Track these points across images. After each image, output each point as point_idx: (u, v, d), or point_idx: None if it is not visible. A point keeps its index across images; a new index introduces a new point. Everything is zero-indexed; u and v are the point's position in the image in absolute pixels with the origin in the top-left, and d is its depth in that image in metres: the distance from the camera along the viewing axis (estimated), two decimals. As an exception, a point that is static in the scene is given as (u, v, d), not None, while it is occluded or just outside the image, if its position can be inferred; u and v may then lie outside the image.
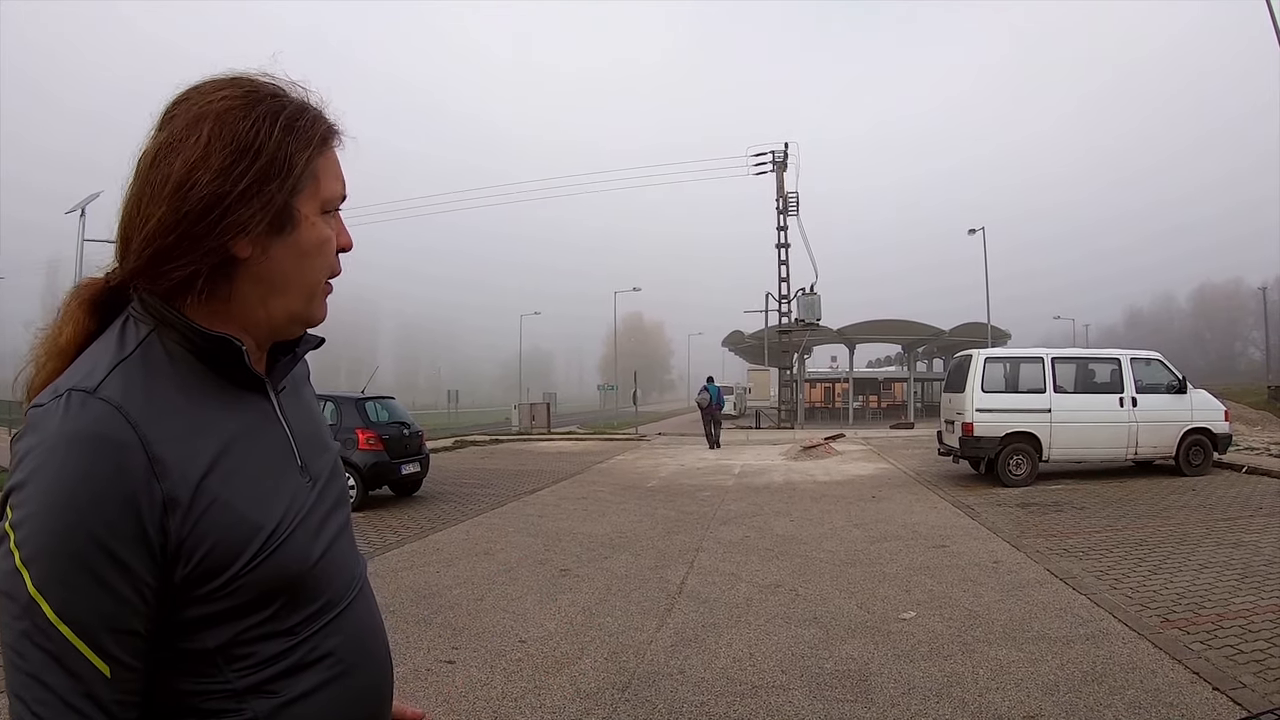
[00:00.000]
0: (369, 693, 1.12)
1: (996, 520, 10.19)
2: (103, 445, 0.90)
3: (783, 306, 36.40)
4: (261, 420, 1.09)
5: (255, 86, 1.03)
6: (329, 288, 1.12)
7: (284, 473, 1.08)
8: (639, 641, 5.68)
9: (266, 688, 1.00)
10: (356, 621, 1.11)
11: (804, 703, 4.51)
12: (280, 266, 1.04)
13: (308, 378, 1.28)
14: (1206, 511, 10.20)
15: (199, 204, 0.97)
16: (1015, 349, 18.02)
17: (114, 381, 0.95)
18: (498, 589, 7.23)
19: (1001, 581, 7.05)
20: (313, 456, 1.14)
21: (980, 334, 37.88)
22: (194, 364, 1.02)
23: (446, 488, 14.70)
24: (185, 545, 0.94)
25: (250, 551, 0.98)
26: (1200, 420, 13.82)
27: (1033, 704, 4.36)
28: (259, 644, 1.00)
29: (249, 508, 1.00)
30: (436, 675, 5.04)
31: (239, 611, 0.98)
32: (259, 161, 0.99)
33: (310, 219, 1.05)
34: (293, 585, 1.02)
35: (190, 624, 0.96)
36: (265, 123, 1.00)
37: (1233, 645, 5.16)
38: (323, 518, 1.11)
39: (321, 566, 1.07)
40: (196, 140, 0.98)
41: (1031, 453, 13.53)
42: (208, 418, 1.01)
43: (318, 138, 1.04)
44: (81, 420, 0.91)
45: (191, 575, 0.95)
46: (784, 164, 36.21)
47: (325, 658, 1.05)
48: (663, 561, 8.30)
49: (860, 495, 13.24)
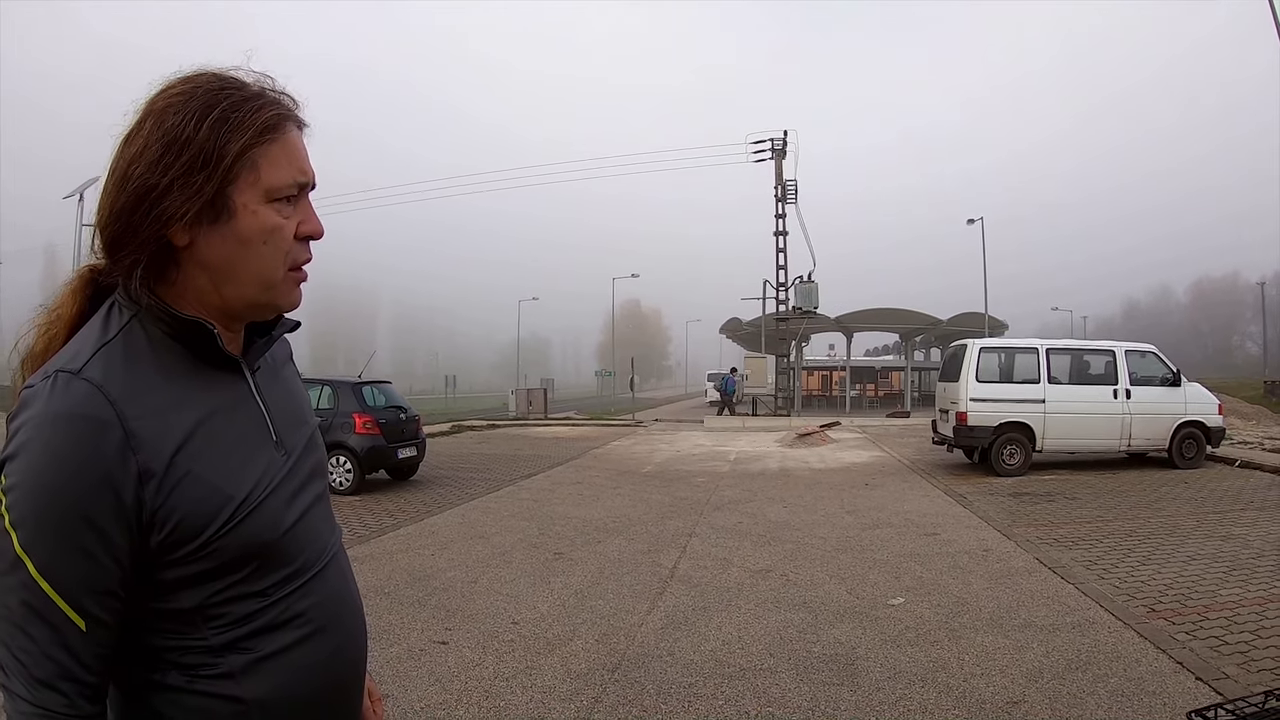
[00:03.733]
0: (339, 653, 1.19)
1: (988, 509, 10.26)
2: (84, 423, 0.99)
3: (780, 294, 36.40)
4: (237, 398, 1.16)
5: (199, 83, 1.08)
6: (299, 274, 1.16)
7: (258, 446, 1.16)
8: (630, 624, 5.74)
9: (241, 644, 1.08)
10: (328, 586, 1.19)
11: (790, 685, 4.57)
12: (221, 253, 1.09)
13: (289, 358, 1.34)
14: (1197, 504, 10.27)
15: (133, 195, 1.05)
16: (1010, 339, 18.05)
17: (96, 364, 1.03)
18: (492, 572, 7.30)
19: (990, 570, 7.11)
20: (288, 431, 1.21)
21: (978, 324, 37.94)
22: (172, 346, 1.09)
23: (443, 472, 14.76)
24: (159, 514, 1.02)
25: (221, 519, 1.06)
26: (1194, 413, 13.88)
27: (1016, 690, 4.42)
28: (233, 604, 1.08)
29: (221, 479, 1.08)
30: (430, 655, 5.09)
31: (213, 574, 1.06)
32: (185, 154, 1.04)
33: (250, 208, 1.08)
34: (264, 551, 1.10)
35: (168, 585, 1.05)
36: (194, 116, 1.05)
37: (1217, 636, 5.21)
38: (296, 489, 1.18)
39: (293, 534, 1.14)
40: (139, 134, 1.07)
41: (1025, 443, 13.59)
42: (184, 396, 1.09)
43: (256, 128, 1.07)
44: (66, 400, 0.99)
45: (166, 541, 1.03)
46: (783, 152, 36.12)
47: (296, 618, 1.13)
48: (656, 546, 8.36)
49: (854, 483, 13.30)
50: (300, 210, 1.14)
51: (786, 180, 35.68)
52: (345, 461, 12.23)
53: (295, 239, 1.13)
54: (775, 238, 36.02)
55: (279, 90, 1.14)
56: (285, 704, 1.11)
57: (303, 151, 1.14)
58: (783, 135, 36.34)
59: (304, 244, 1.15)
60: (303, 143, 1.14)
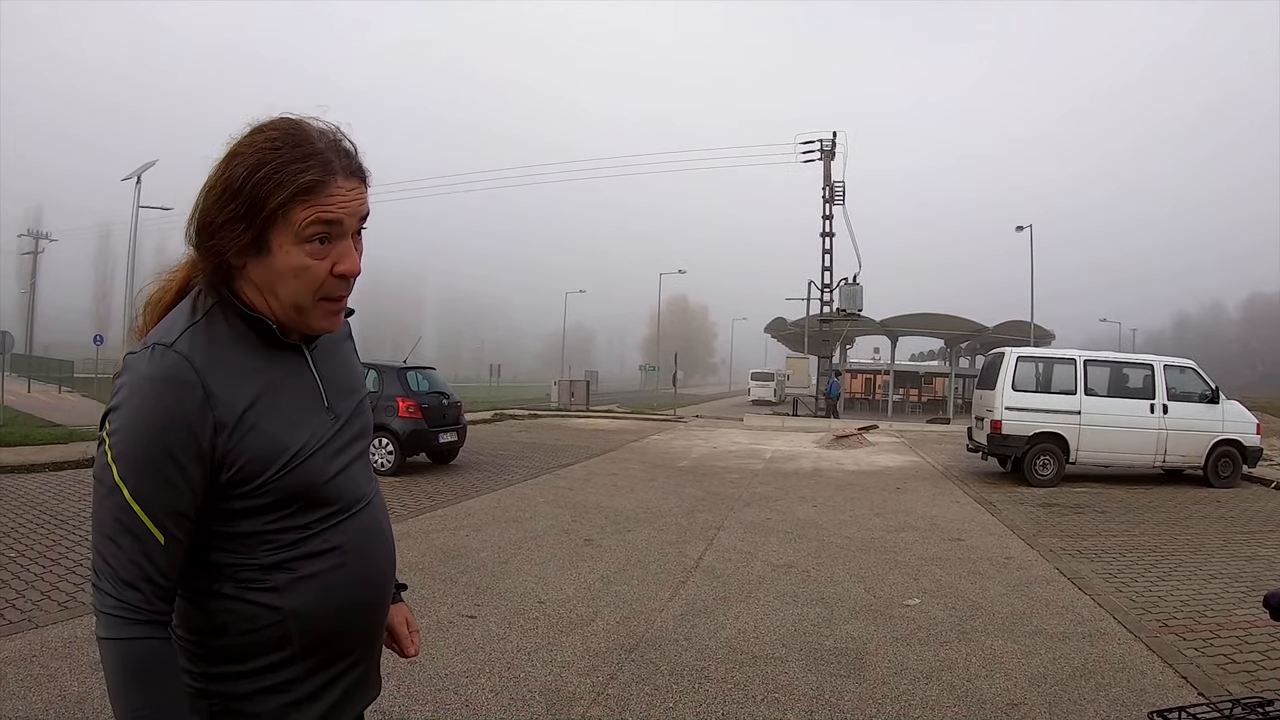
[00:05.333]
0: (364, 580, 1.47)
1: (1015, 518, 10.32)
2: (174, 384, 1.28)
3: (825, 295, 36.36)
4: (296, 371, 1.46)
5: (267, 134, 1.35)
6: (333, 305, 1.42)
7: (311, 411, 1.45)
8: (651, 609, 5.98)
9: (285, 565, 1.37)
10: (360, 526, 1.47)
11: (799, 674, 4.78)
12: (263, 278, 1.36)
13: (348, 336, 1.63)
14: (1226, 524, 10.22)
15: (201, 221, 1.34)
16: (1048, 349, 17.94)
17: (185, 339, 1.32)
18: (523, 554, 7.59)
19: (1010, 577, 7.23)
20: (338, 399, 1.50)
21: (1023, 333, 37.50)
22: (244, 330, 1.39)
23: (482, 458, 15.13)
24: (229, 457, 1.31)
25: (276, 466, 1.35)
26: (1231, 432, 13.72)
27: (1018, 693, 4.56)
28: (281, 533, 1.37)
29: (279, 434, 1.37)
30: (458, 628, 5.38)
31: (267, 509, 1.35)
32: (234, 202, 1.30)
33: (284, 249, 1.33)
34: (309, 493, 1.39)
35: (232, 514, 1.34)
36: (248, 171, 1.30)
37: (1226, 654, 5.27)
38: (341, 446, 1.48)
39: (335, 482, 1.43)
40: (217, 172, 1.34)
41: (1058, 453, 13.55)
42: (252, 368, 1.38)
43: (293, 189, 1.30)
44: (161, 366, 1.28)
45: (233, 479, 1.32)
46: (832, 153, 36.09)
47: (332, 550, 1.41)
48: (683, 538, 8.59)
49: (885, 486, 13.41)
50: (337, 252, 1.37)
51: (834, 181, 35.62)
52: (387, 443, 12.62)
53: (331, 275, 1.37)
54: (822, 239, 36.03)
55: (339, 140, 1.39)
56: (314, 615, 1.38)
57: (339, 199, 1.35)
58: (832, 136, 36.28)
59: (341, 280, 1.39)
60: (348, 189, 1.36)
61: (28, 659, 4.59)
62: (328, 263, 1.37)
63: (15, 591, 5.81)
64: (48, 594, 5.78)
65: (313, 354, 1.49)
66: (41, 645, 4.82)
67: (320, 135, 1.36)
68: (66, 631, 5.06)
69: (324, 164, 1.34)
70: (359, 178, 1.40)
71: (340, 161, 1.36)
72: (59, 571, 6.34)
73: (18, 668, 4.46)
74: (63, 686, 4.23)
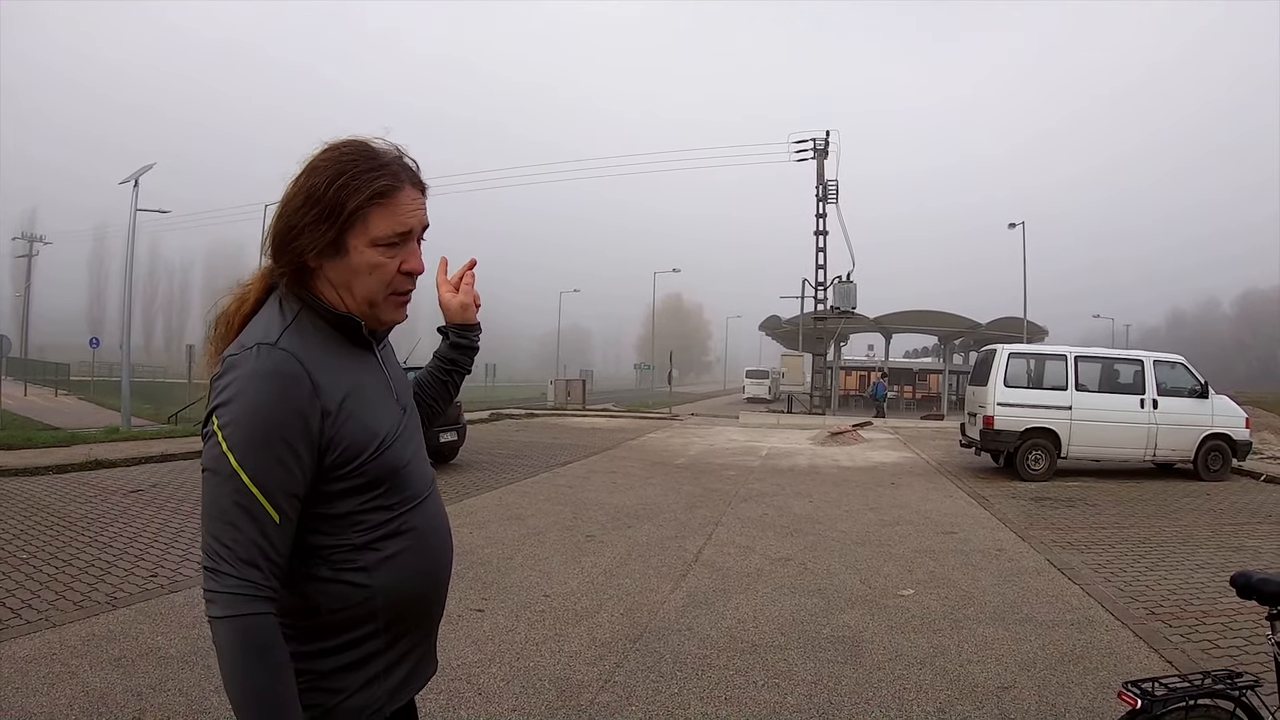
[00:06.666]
0: (435, 560, 1.65)
1: (1008, 511, 10.51)
2: (285, 377, 1.42)
3: (819, 293, 36.50)
4: (371, 367, 1.64)
5: (341, 150, 1.54)
6: (401, 298, 1.62)
7: (387, 402, 1.62)
8: (653, 601, 6.15)
9: (374, 545, 1.53)
10: (430, 510, 1.65)
11: (798, 662, 4.95)
12: (340, 277, 1.53)
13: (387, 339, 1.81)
14: (1215, 516, 10.42)
15: (284, 227, 1.50)
16: (1039, 345, 18.08)
17: (286, 339, 1.47)
18: (526, 550, 7.75)
19: (1001, 568, 7.41)
20: (403, 393, 1.71)
21: (1017, 329, 37.75)
22: (328, 330, 1.57)
23: (482, 457, 15.28)
24: (333, 441, 1.47)
25: (370, 449, 1.51)
26: (1220, 426, 13.91)
27: (1009, 677, 4.74)
28: (372, 514, 1.53)
29: (371, 421, 1.54)
30: (467, 621, 5.54)
31: (361, 489, 1.52)
32: (317, 208, 1.48)
33: (359, 249, 1.51)
34: (394, 475, 1.56)
35: (331, 495, 1.50)
36: (327, 180, 1.48)
37: (1210, 640, 5.45)
38: (410, 434, 1.67)
39: (411, 467, 1.62)
40: (297, 184, 1.51)
41: (1050, 449, 13.73)
42: (342, 364, 1.55)
43: (369, 194, 1.49)
44: (270, 362, 1.42)
45: (335, 461, 1.48)
46: (825, 152, 36.18)
47: (410, 530, 1.58)
48: (683, 532, 8.76)
49: (880, 481, 13.59)
50: (404, 252, 1.56)
51: (828, 180, 35.76)
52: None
53: (399, 273, 1.56)
54: (815, 237, 36.14)
55: (401, 156, 1.58)
56: (397, 591, 1.55)
57: (408, 208, 1.55)
58: (825, 135, 36.42)
59: (406, 277, 1.58)
60: (413, 199, 1.56)
61: (48, 657, 4.72)
62: (396, 261, 1.55)
63: (30, 592, 5.94)
64: (62, 594, 5.91)
65: (380, 354, 1.67)
66: (60, 643, 4.94)
67: (385, 152, 1.56)
68: (85, 629, 5.18)
69: (394, 174, 1.54)
70: (420, 189, 1.60)
71: (406, 174, 1.57)
72: (71, 572, 6.46)
73: (39, 665, 4.59)
74: (85, 683, 4.36)
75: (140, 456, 13.34)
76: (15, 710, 4.02)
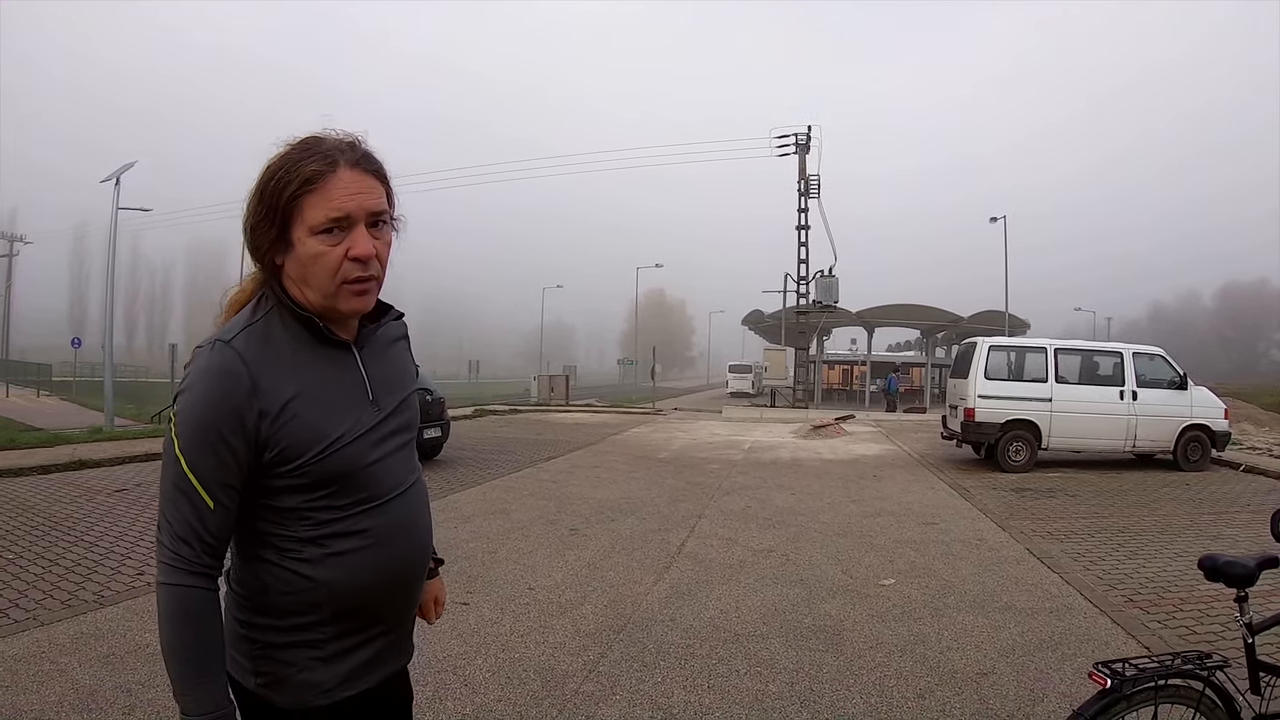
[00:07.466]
0: (389, 564, 1.64)
1: (989, 502, 10.61)
2: (227, 375, 1.48)
3: (801, 288, 36.66)
4: (344, 366, 1.64)
5: (289, 147, 1.57)
6: (355, 287, 1.56)
7: (356, 403, 1.62)
8: (637, 592, 6.20)
9: (320, 541, 1.57)
10: (392, 513, 1.64)
11: (779, 650, 5.00)
12: (296, 271, 1.56)
13: (401, 337, 1.81)
14: (1194, 505, 10.55)
15: (246, 226, 1.56)
16: (1019, 338, 18.23)
17: (241, 337, 1.52)
18: (510, 544, 7.78)
19: (981, 557, 7.49)
20: (384, 394, 1.68)
21: (999, 323, 38.03)
22: (298, 329, 1.59)
23: (465, 453, 15.25)
24: (270, 440, 1.50)
25: (314, 450, 1.53)
26: (1199, 417, 14.09)
27: (988, 664, 4.80)
28: (318, 512, 1.56)
29: (320, 423, 1.55)
30: (452, 614, 5.54)
31: (306, 488, 1.55)
32: (263, 204, 1.52)
33: (302, 240, 1.51)
34: (345, 477, 1.57)
35: (274, 490, 1.54)
36: (270, 176, 1.52)
37: (1188, 626, 5.53)
38: (383, 436, 1.66)
39: (373, 468, 1.62)
40: (253, 185, 1.55)
41: (1031, 440, 13.87)
42: (302, 363, 1.57)
43: (298, 181, 1.50)
44: (218, 359, 1.49)
45: (274, 459, 1.51)
46: (806, 147, 36.41)
47: (363, 531, 1.60)
48: (666, 526, 8.80)
49: (862, 474, 13.67)
50: (350, 238, 1.52)
51: (809, 175, 35.92)
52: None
53: (347, 259, 1.52)
54: (797, 231, 36.33)
55: (353, 143, 1.58)
56: (343, 589, 1.57)
57: (343, 191, 1.51)
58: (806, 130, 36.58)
59: (356, 263, 1.53)
60: (351, 181, 1.53)
61: (37, 655, 4.71)
62: (342, 248, 1.53)
63: (18, 592, 5.90)
64: (50, 593, 5.88)
65: (362, 353, 1.67)
66: (49, 642, 4.93)
67: (330, 138, 1.57)
68: (73, 628, 5.17)
69: (325, 156, 1.53)
70: (367, 171, 1.56)
71: (346, 156, 1.55)
72: (58, 572, 6.43)
73: (28, 664, 4.57)
74: (74, 680, 4.35)
75: (124, 456, 13.23)
76: (5, 708, 4.01)
